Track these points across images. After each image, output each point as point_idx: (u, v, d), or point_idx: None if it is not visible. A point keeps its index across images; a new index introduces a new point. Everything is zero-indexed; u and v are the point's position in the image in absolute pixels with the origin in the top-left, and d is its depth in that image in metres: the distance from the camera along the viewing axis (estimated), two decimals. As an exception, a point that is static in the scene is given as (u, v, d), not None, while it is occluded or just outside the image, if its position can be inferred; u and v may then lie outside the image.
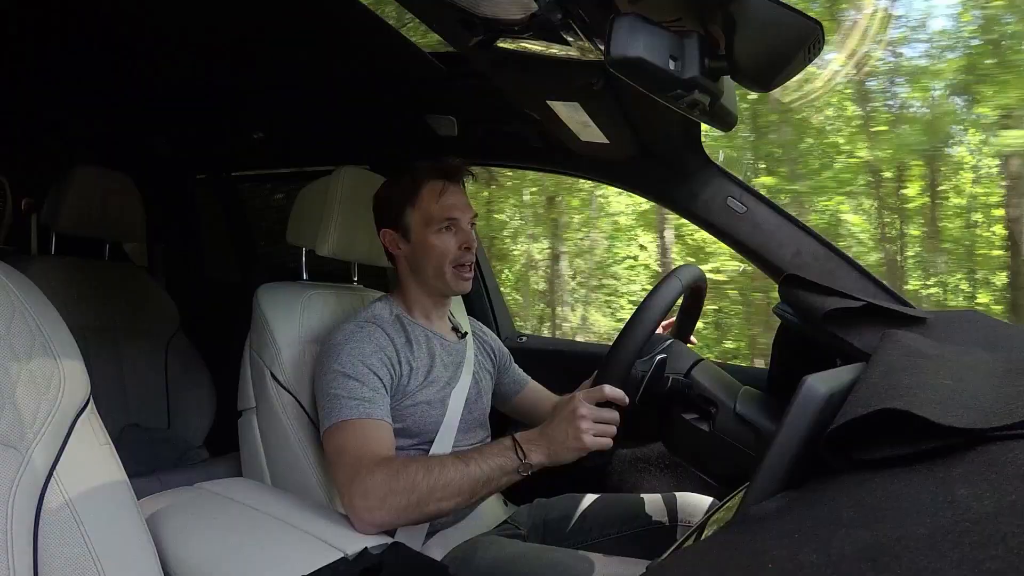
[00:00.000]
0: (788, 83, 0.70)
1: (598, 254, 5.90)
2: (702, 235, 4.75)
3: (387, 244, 1.16)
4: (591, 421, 0.87)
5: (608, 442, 0.88)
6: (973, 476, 0.37)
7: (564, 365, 1.62)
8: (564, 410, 0.89)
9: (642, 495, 1.22)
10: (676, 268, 0.99)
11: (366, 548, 0.81)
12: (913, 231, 4.73)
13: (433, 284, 1.14)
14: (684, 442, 0.97)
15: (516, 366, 1.37)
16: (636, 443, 1.47)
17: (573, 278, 6.02)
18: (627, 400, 0.89)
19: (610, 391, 0.88)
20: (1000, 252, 4.44)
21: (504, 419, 1.39)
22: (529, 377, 1.37)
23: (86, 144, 1.98)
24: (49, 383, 0.63)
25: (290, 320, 1.20)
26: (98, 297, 1.75)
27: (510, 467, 0.90)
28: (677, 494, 1.20)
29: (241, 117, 1.70)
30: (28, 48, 1.34)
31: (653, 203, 4.25)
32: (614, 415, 0.89)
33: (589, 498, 1.23)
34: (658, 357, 0.99)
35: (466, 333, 1.23)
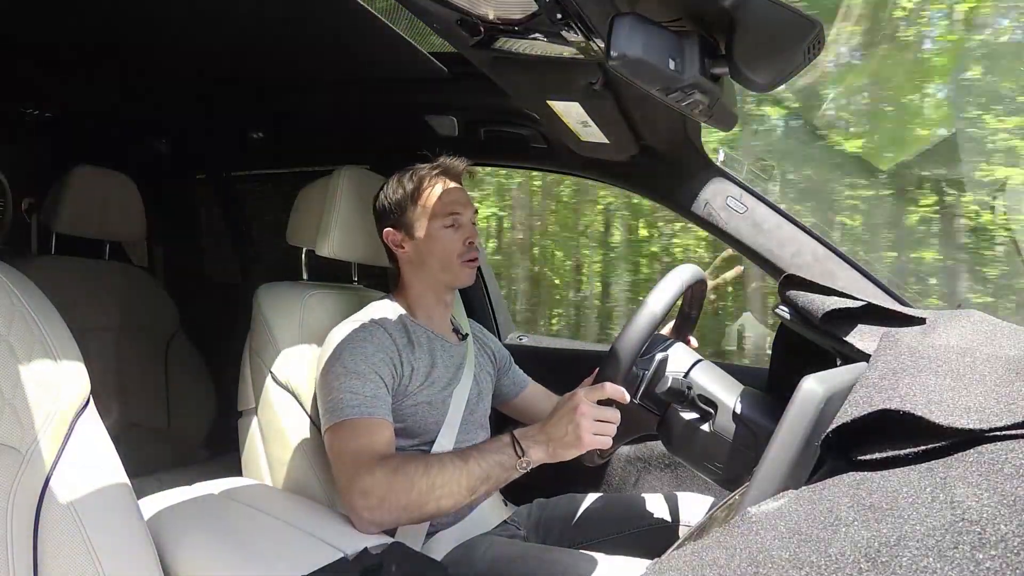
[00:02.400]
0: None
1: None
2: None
3: (390, 244, 1.16)
4: (591, 419, 0.87)
5: (608, 440, 0.88)
6: (973, 476, 0.37)
7: (564, 365, 1.62)
8: (564, 407, 0.89)
9: (642, 495, 1.22)
10: (676, 267, 0.99)
11: (366, 548, 0.81)
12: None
13: (440, 278, 1.14)
14: (684, 442, 0.97)
15: (517, 367, 1.37)
16: (636, 443, 1.47)
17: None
18: (628, 398, 0.89)
19: (611, 388, 0.88)
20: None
21: (504, 420, 1.38)
22: (529, 378, 1.37)
23: (86, 144, 1.98)
24: (49, 383, 0.63)
25: (290, 320, 1.20)
26: (98, 297, 1.75)
27: (509, 464, 0.90)
28: (678, 494, 1.20)
29: (241, 117, 1.70)
30: (27, 47, 1.34)
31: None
32: (615, 414, 0.88)
33: (589, 498, 1.23)
34: (658, 356, 0.99)
35: (467, 335, 1.23)
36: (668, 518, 1.15)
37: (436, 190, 1.13)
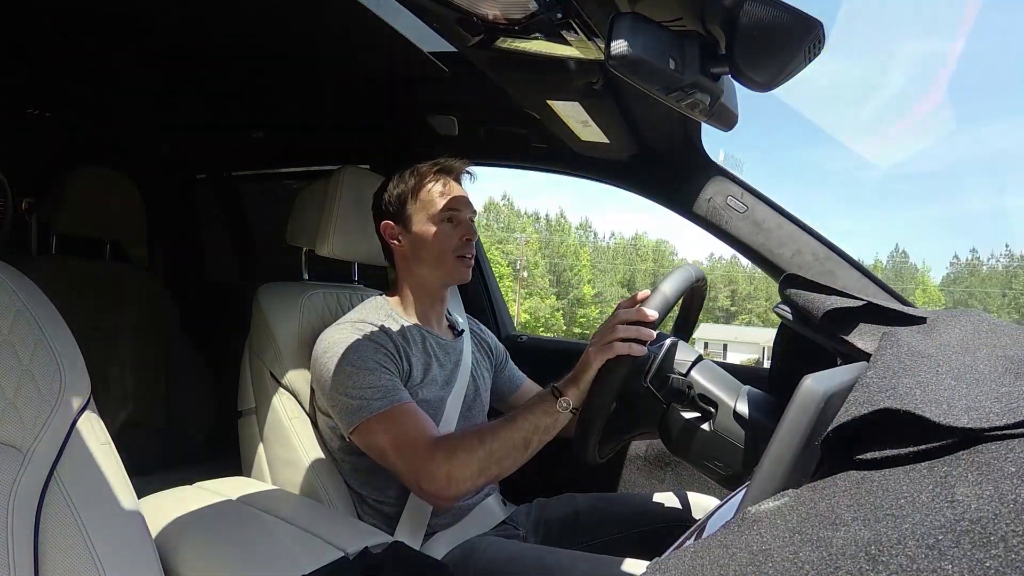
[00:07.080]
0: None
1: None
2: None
3: (387, 236, 1.16)
4: (619, 327, 0.91)
5: (638, 349, 0.90)
6: (973, 476, 0.37)
7: (564, 365, 1.62)
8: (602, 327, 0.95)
9: (643, 495, 1.22)
10: (681, 265, 1.00)
11: (367, 548, 0.82)
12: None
13: (434, 274, 1.14)
14: (684, 442, 0.97)
15: (513, 364, 1.37)
16: (636, 442, 1.47)
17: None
18: (656, 316, 0.91)
19: (642, 294, 0.94)
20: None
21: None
22: (525, 376, 1.37)
23: (86, 144, 1.98)
24: (50, 383, 0.63)
25: (290, 320, 1.20)
26: (98, 297, 1.75)
27: (551, 408, 0.94)
28: (678, 494, 1.20)
29: (241, 117, 1.70)
30: (28, 47, 1.34)
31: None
32: (648, 331, 0.91)
33: (589, 498, 1.23)
34: (668, 341, 0.99)
35: (463, 331, 1.23)
36: (668, 519, 1.15)
37: (436, 187, 1.14)
